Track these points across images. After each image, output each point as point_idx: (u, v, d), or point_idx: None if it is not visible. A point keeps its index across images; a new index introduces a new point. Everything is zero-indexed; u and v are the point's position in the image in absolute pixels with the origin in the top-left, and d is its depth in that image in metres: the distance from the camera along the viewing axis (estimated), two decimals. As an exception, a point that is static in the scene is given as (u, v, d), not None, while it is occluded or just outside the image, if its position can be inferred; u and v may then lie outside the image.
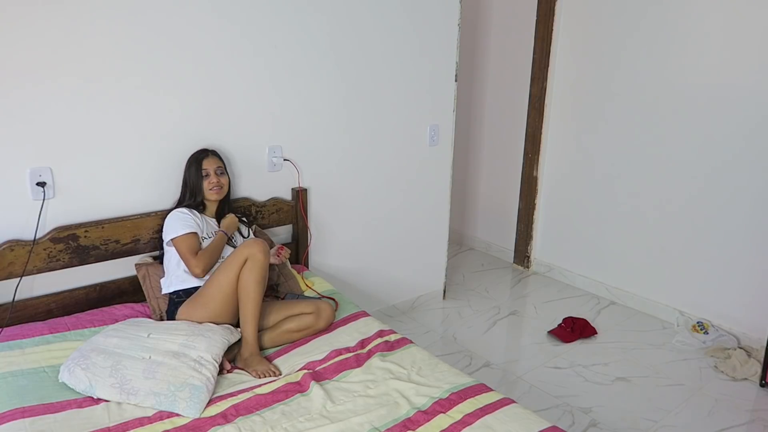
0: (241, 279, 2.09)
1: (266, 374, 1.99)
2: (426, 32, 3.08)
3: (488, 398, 1.84)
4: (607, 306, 3.61)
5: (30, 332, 2.05)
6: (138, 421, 1.72)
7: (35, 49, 2.03)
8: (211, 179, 2.32)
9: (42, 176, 2.12)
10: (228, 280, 2.10)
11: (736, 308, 3.12)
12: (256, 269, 2.09)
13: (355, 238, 3.12)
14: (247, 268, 2.09)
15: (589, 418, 2.55)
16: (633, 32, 3.33)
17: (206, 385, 1.82)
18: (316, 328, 2.25)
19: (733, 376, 2.85)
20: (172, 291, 2.22)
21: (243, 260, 2.09)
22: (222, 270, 2.13)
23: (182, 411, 1.76)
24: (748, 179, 2.98)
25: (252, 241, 2.14)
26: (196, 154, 2.36)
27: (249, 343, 2.08)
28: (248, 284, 2.08)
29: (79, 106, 2.15)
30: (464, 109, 4.36)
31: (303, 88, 2.71)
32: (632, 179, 3.47)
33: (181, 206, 2.30)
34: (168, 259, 2.27)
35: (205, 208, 2.37)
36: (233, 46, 2.46)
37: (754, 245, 3.01)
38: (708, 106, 3.08)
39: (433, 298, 3.61)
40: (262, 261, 2.10)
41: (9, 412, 1.68)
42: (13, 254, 2.08)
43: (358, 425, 1.72)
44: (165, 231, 2.25)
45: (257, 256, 2.09)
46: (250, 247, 2.11)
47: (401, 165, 3.20)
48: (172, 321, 2.12)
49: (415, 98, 3.15)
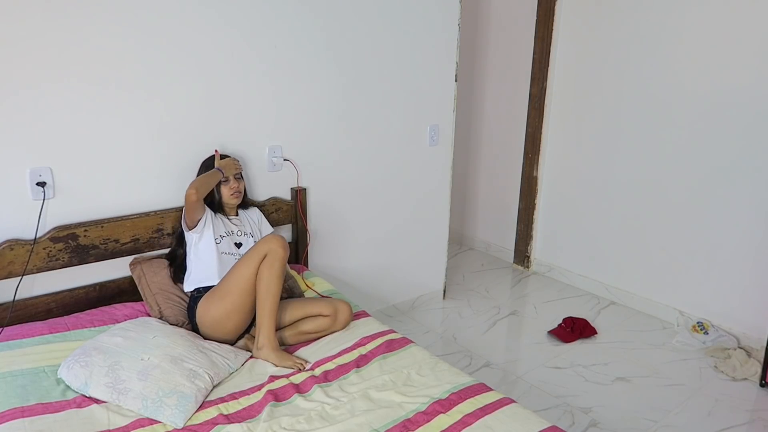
0: (261, 274, 2.10)
1: (294, 367, 2.01)
2: (426, 32, 3.08)
3: (488, 398, 1.84)
4: (607, 306, 3.61)
5: (30, 332, 2.05)
6: (138, 422, 1.72)
7: (35, 51, 2.03)
8: (231, 184, 2.35)
9: (42, 176, 2.12)
10: (248, 274, 2.10)
11: (736, 308, 3.12)
12: (277, 265, 2.09)
13: (354, 237, 3.12)
14: (267, 263, 2.09)
15: (589, 418, 2.54)
16: (633, 32, 3.33)
17: (195, 396, 1.79)
18: (333, 330, 2.25)
19: (733, 376, 2.85)
20: (193, 289, 2.25)
21: (262, 255, 2.10)
22: (241, 264, 2.13)
23: (166, 419, 1.72)
24: (749, 179, 2.98)
25: (272, 237, 2.14)
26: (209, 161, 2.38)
27: (268, 338, 2.08)
28: (268, 279, 2.09)
29: (79, 107, 2.15)
30: (464, 109, 4.36)
31: (303, 88, 2.71)
32: (632, 179, 3.46)
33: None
34: (186, 253, 2.29)
35: (222, 211, 2.39)
36: (233, 46, 2.46)
37: (754, 245, 3.01)
38: (708, 106, 3.07)
39: (433, 298, 3.61)
40: (282, 257, 2.11)
41: (8, 412, 1.68)
42: (12, 254, 2.08)
43: (357, 426, 1.71)
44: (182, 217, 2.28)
45: (278, 252, 2.09)
46: (270, 243, 2.11)
47: (401, 165, 3.20)
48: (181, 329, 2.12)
49: (415, 98, 3.15)
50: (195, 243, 2.26)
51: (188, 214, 2.20)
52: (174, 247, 2.37)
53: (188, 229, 2.25)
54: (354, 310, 2.42)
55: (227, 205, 2.38)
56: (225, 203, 2.37)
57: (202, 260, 2.25)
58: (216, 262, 2.24)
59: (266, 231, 2.53)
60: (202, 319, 2.15)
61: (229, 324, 2.14)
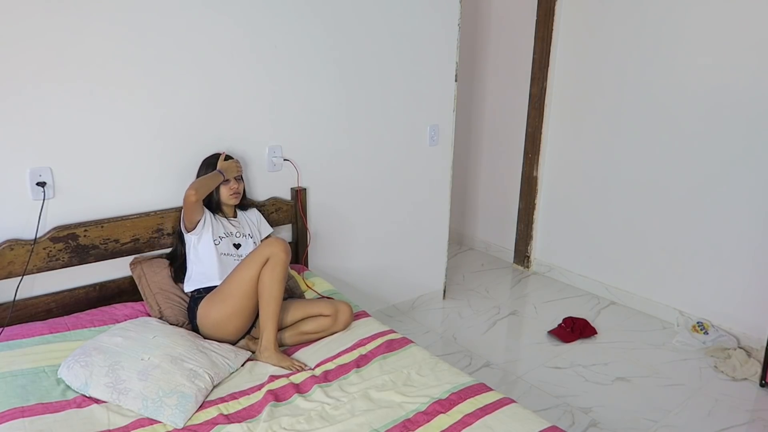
0: (263, 278, 2.10)
1: (292, 369, 2.02)
2: (426, 32, 3.08)
3: (488, 398, 1.84)
4: (607, 306, 3.61)
5: (30, 332, 2.05)
6: (138, 422, 1.72)
7: (35, 51, 2.03)
8: (231, 185, 2.35)
9: (42, 176, 2.12)
10: (248, 277, 2.10)
11: (736, 308, 3.12)
12: (279, 268, 2.09)
13: (354, 237, 3.12)
14: (269, 267, 2.09)
15: (589, 418, 2.54)
16: (633, 32, 3.33)
17: (195, 396, 1.79)
18: (333, 330, 2.25)
19: (733, 376, 2.84)
20: (193, 289, 2.25)
21: (264, 259, 2.10)
22: (242, 267, 2.13)
23: (166, 419, 1.73)
24: (748, 179, 2.98)
25: (274, 240, 2.14)
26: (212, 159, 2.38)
27: (270, 341, 2.08)
28: (270, 283, 2.09)
29: (79, 107, 2.15)
30: (464, 109, 4.36)
31: (303, 87, 2.71)
32: (632, 179, 3.46)
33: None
34: (186, 254, 2.29)
35: (220, 211, 2.38)
36: (233, 46, 2.46)
37: (754, 245, 3.01)
38: (708, 106, 3.07)
39: (433, 298, 3.61)
40: (284, 260, 2.11)
41: (8, 412, 1.68)
42: (12, 254, 2.08)
43: (357, 426, 1.71)
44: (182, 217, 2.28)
45: (279, 256, 2.09)
46: (272, 246, 2.11)
47: (401, 165, 3.20)
48: (182, 329, 2.12)
49: (415, 98, 3.15)
50: (194, 244, 2.26)
51: (187, 214, 2.20)
52: (175, 247, 2.37)
53: (187, 230, 2.25)
54: (354, 310, 2.41)
55: (225, 205, 2.38)
56: (223, 203, 2.37)
57: (202, 261, 2.25)
58: (216, 263, 2.24)
59: (265, 232, 2.53)
60: (203, 321, 2.15)
61: (230, 326, 2.14)
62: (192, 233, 2.24)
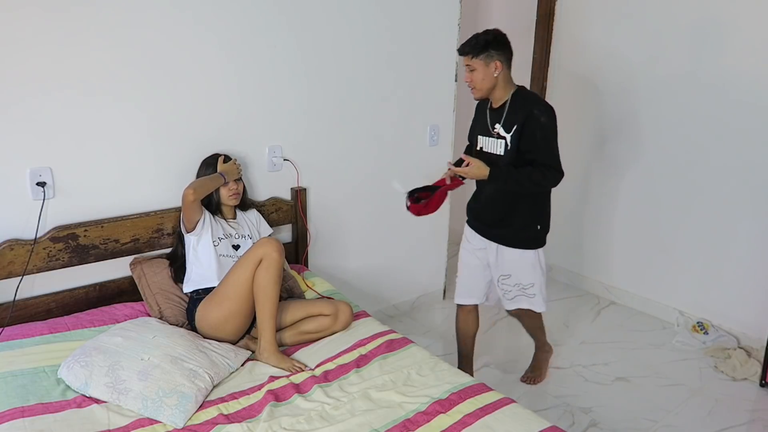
0: (257, 279, 2.09)
1: (292, 370, 2.01)
2: (426, 32, 3.08)
3: (488, 398, 1.84)
4: (607, 306, 3.61)
5: (30, 332, 2.05)
6: (138, 422, 1.72)
7: (36, 51, 2.03)
8: (231, 186, 2.35)
9: (42, 176, 2.12)
10: (243, 278, 2.10)
11: (736, 308, 3.12)
12: (272, 269, 2.09)
13: (354, 237, 3.11)
14: (263, 267, 2.09)
15: (589, 418, 2.54)
16: (632, 32, 3.32)
17: (195, 396, 1.79)
18: (333, 330, 2.25)
19: (733, 376, 2.84)
20: (192, 290, 2.25)
21: (258, 260, 2.09)
22: (237, 269, 2.13)
23: (166, 419, 1.73)
24: (748, 179, 2.98)
25: (266, 240, 2.14)
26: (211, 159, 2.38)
27: (268, 341, 2.08)
28: (265, 284, 2.08)
29: (79, 107, 2.15)
30: (464, 109, 4.35)
31: (303, 87, 2.71)
32: (632, 179, 3.46)
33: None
34: (186, 254, 2.29)
35: (219, 212, 2.38)
36: (233, 46, 2.46)
37: (754, 245, 3.01)
38: (708, 106, 3.07)
39: (433, 298, 3.61)
40: (278, 260, 2.10)
41: (9, 412, 1.68)
42: (12, 253, 2.08)
43: (357, 426, 1.72)
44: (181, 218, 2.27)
45: (272, 256, 2.09)
46: (264, 247, 2.10)
47: (401, 165, 3.19)
48: (181, 329, 2.12)
49: (415, 98, 3.15)
50: (194, 245, 2.26)
51: (185, 214, 2.20)
52: (175, 248, 2.37)
53: (187, 231, 2.25)
54: (354, 310, 2.41)
55: (225, 206, 2.38)
56: (223, 204, 2.37)
57: (201, 262, 2.25)
58: (215, 264, 2.24)
59: (265, 232, 2.53)
60: (201, 323, 2.15)
61: (228, 328, 2.14)
62: (192, 234, 2.24)
